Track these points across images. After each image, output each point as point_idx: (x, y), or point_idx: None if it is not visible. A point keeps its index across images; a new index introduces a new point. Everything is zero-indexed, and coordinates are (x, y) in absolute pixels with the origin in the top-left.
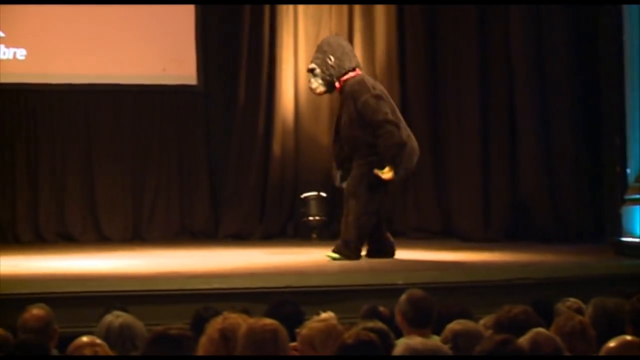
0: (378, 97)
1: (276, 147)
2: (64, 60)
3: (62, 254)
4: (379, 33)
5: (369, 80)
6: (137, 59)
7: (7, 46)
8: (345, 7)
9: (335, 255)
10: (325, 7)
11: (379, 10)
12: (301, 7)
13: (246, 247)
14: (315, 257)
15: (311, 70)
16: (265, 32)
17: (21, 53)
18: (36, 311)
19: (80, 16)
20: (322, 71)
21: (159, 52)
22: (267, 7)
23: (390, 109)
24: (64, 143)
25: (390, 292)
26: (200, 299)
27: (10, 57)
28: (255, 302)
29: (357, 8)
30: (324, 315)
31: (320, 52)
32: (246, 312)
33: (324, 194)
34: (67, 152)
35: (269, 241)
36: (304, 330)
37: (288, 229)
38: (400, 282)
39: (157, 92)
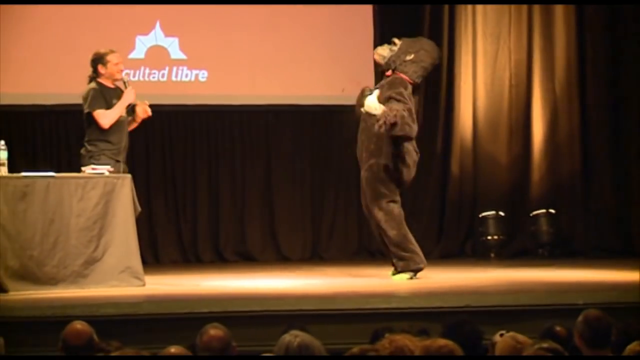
0: (411, 98)
1: (454, 166)
2: (245, 81)
3: (241, 273)
4: (559, 51)
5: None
6: (317, 79)
7: (189, 68)
8: (524, 24)
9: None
10: (504, 26)
11: (559, 27)
12: (480, 26)
13: None
14: (493, 276)
15: (392, 44)
16: (443, 51)
17: (203, 75)
18: (214, 331)
19: (260, 38)
20: (396, 55)
21: (338, 72)
22: (445, 27)
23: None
24: (244, 163)
25: (570, 312)
26: (379, 318)
27: (193, 79)
28: (433, 322)
29: (537, 25)
30: (506, 335)
31: (413, 43)
32: (424, 332)
33: (502, 213)
34: (247, 173)
35: (447, 260)
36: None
37: (466, 248)
38: (580, 302)
39: (336, 112)
